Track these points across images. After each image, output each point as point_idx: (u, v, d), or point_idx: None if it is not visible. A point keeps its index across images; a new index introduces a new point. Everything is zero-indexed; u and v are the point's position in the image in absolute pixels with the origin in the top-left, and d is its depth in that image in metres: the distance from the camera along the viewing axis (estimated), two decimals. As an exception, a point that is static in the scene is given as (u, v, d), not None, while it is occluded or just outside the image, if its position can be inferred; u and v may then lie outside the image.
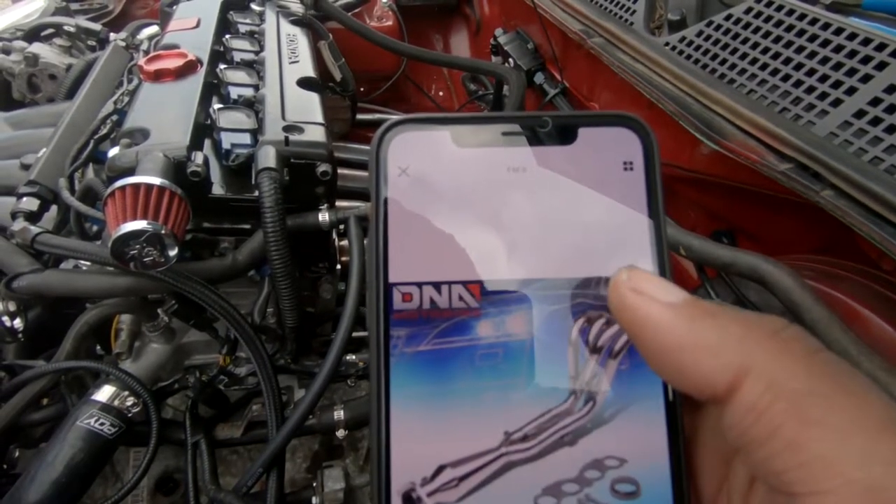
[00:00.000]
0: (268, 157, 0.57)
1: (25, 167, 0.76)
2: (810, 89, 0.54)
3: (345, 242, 0.76)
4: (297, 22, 0.93)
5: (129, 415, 0.57)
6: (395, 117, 0.20)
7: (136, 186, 0.48)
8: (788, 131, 0.52)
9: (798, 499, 0.15)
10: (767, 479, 0.16)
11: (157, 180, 0.50)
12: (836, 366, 0.16)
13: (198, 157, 0.56)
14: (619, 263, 0.19)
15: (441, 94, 1.61)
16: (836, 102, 0.51)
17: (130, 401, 0.58)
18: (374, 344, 0.19)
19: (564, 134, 0.20)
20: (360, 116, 1.24)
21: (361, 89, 1.39)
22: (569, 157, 0.20)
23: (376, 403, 0.19)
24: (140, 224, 0.47)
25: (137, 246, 0.47)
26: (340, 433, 0.67)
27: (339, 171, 0.64)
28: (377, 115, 1.43)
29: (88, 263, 0.60)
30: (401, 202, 0.20)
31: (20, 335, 0.65)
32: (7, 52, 0.98)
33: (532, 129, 0.20)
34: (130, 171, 0.52)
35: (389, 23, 1.41)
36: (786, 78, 0.56)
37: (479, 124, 0.20)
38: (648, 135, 0.20)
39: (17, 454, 0.67)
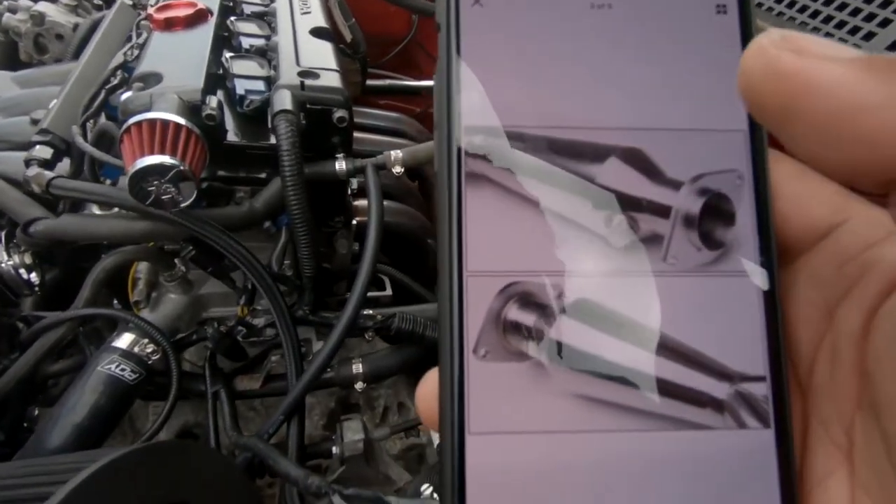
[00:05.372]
0: (284, 100, 0.55)
1: (35, 122, 0.75)
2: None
3: (358, 203, 0.75)
4: (307, -24, 0.91)
5: (150, 362, 0.57)
6: None
7: (153, 122, 0.47)
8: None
9: None
10: None
11: (174, 117, 0.48)
12: None
13: (212, 101, 0.55)
14: (709, 109, 0.18)
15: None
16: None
17: (150, 348, 0.57)
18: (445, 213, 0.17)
19: None
20: (369, 82, 1.21)
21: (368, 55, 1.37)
22: None
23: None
24: (159, 158, 0.46)
25: (156, 182, 0.46)
26: (359, 385, 0.67)
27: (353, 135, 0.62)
28: (388, 81, 1.40)
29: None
30: (475, 32, 0.18)
31: (37, 288, 0.65)
32: (13, 11, 0.97)
33: None
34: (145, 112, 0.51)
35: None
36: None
37: None
38: None
39: (36, 412, 0.67)
